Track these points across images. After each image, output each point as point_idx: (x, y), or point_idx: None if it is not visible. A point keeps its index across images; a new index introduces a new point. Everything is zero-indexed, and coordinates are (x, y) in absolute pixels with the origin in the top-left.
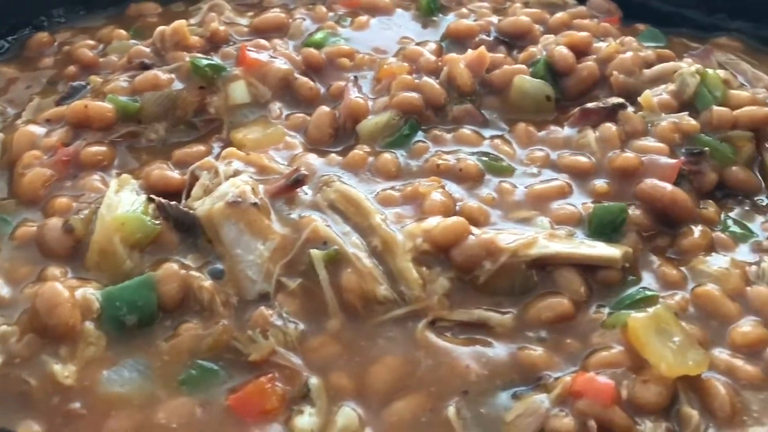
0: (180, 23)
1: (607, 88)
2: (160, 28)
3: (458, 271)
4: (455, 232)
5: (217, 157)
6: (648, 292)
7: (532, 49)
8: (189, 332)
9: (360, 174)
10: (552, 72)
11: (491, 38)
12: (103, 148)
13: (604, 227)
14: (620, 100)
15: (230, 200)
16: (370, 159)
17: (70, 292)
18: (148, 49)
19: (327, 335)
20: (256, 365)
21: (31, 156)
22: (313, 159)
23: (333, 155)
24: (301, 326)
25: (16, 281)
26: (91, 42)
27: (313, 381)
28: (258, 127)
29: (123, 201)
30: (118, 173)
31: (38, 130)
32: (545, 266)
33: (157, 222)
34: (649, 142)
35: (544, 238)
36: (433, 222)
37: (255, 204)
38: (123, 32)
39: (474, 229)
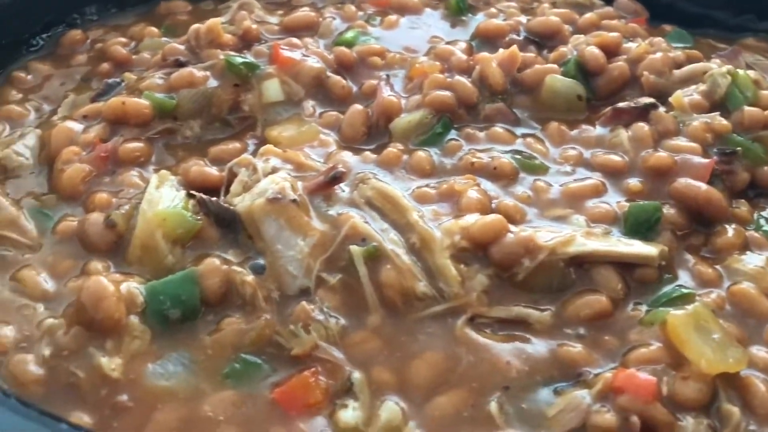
0: (214, 21)
1: (637, 89)
2: (195, 25)
3: (497, 269)
4: (494, 229)
5: (254, 154)
6: (684, 290)
7: (563, 48)
8: (232, 326)
9: (395, 171)
10: (583, 72)
11: (521, 38)
12: (140, 145)
13: (639, 226)
14: (652, 99)
15: (270, 196)
16: (405, 157)
17: (115, 286)
18: (182, 47)
19: (368, 330)
20: (299, 359)
21: (70, 152)
22: (348, 156)
23: (367, 153)
24: (342, 321)
25: (59, 275)
26: (123, 39)
27: (356, 375)
28: (292, 125)
29: (164, 197)
30: (155, 169)
31: (76, 126)
32: (582, 264)
33: (198, 218)
34: (681, 141)
35: (581, 236)
36: (471, 219)
37: (294, 200)
38: (154, 30)
39: (512, 227)
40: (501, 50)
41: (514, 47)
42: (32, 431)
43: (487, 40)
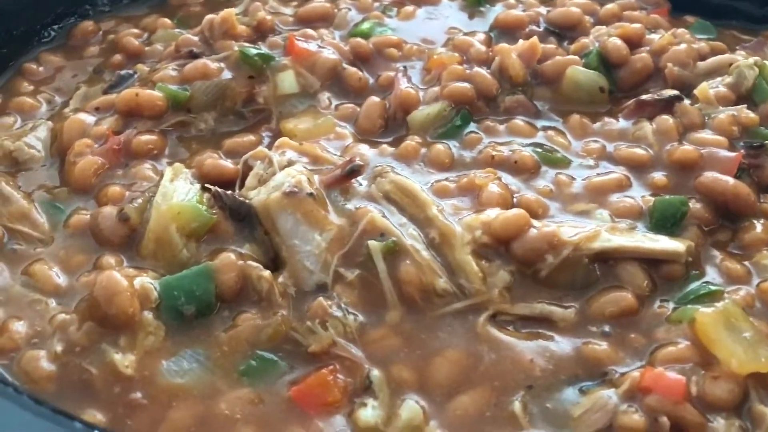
0: (229, 12)
1: (660, 81)
2: (209, 16)
3: (519, 265)
4: (517, 224)
5: (269, 147)
6: (712, 287)
7: (584, 40)
8: (248, 323)
9: (413, 165)
10: (605, 63)
11: (541, 29)
12: (153, 137)
13: (665, 221)
14: (676, 92)
15: (287, 190)
16: (423, 150)
17: (128, 281)
18: (196, 38)
19: (386, 327)
20: (317, 357)
21: (83, 144)
22: (365, 149)
23: (385, 146)
24: (360, 318)
25: (71, 269)
26: (135, 30)
27: (375, 373)
28: (308, 118)
29: (178, 190)
30: (169, 162)
31: (88, 118)
32: (607, 260)
33: (213, 211)
34: (707, 134)
35: (606, 232)
36: (492, 214)
37: (311, 194)
38: (167, 21)
39: (534, 222)
40: (521, 41)
41: (534, 38)
42: (45, 430)
43: (507, 31)
